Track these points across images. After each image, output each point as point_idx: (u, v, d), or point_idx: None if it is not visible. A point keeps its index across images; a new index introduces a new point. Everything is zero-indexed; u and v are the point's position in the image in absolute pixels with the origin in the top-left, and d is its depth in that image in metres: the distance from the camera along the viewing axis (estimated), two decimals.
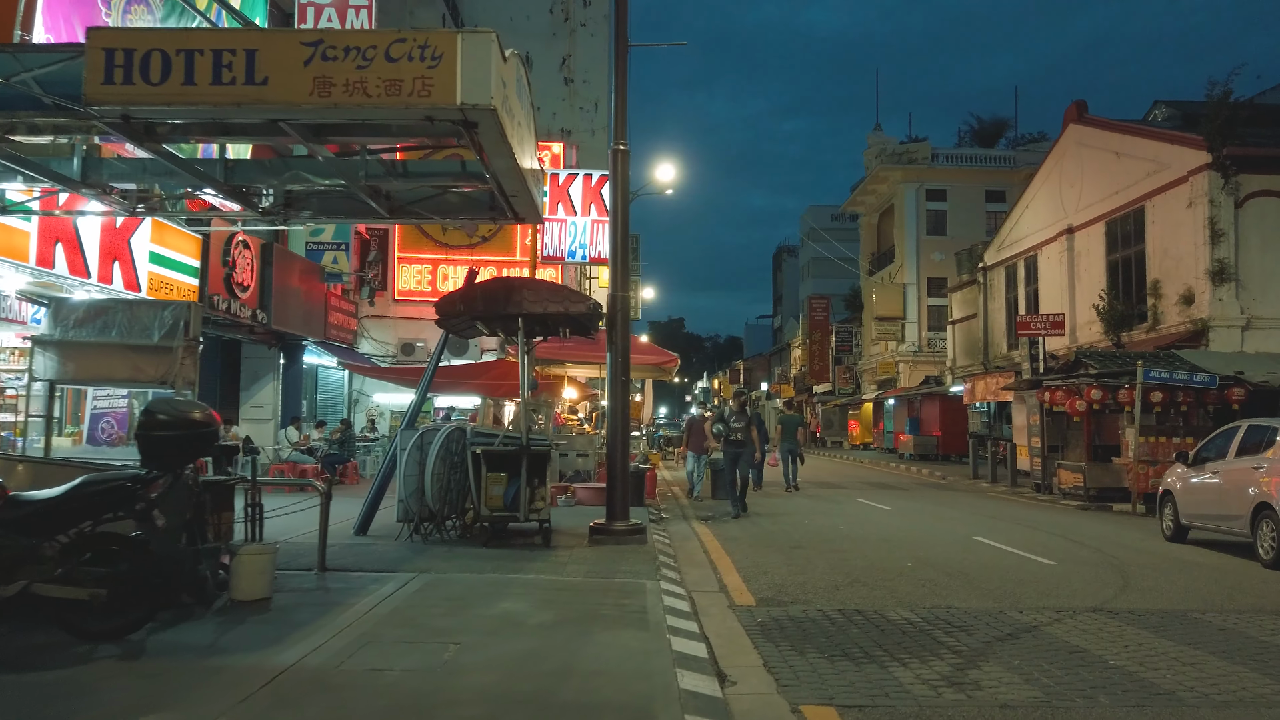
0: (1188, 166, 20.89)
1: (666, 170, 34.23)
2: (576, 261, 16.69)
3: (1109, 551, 10.52)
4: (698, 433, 17.72)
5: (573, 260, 16.65)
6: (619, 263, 9.98)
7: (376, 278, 22.81)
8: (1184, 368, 17.11)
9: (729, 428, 14.06)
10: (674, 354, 16.31)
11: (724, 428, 14.18)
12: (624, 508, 9.89)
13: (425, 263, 26.66)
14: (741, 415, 14.23)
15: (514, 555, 8.75)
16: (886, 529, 12.34)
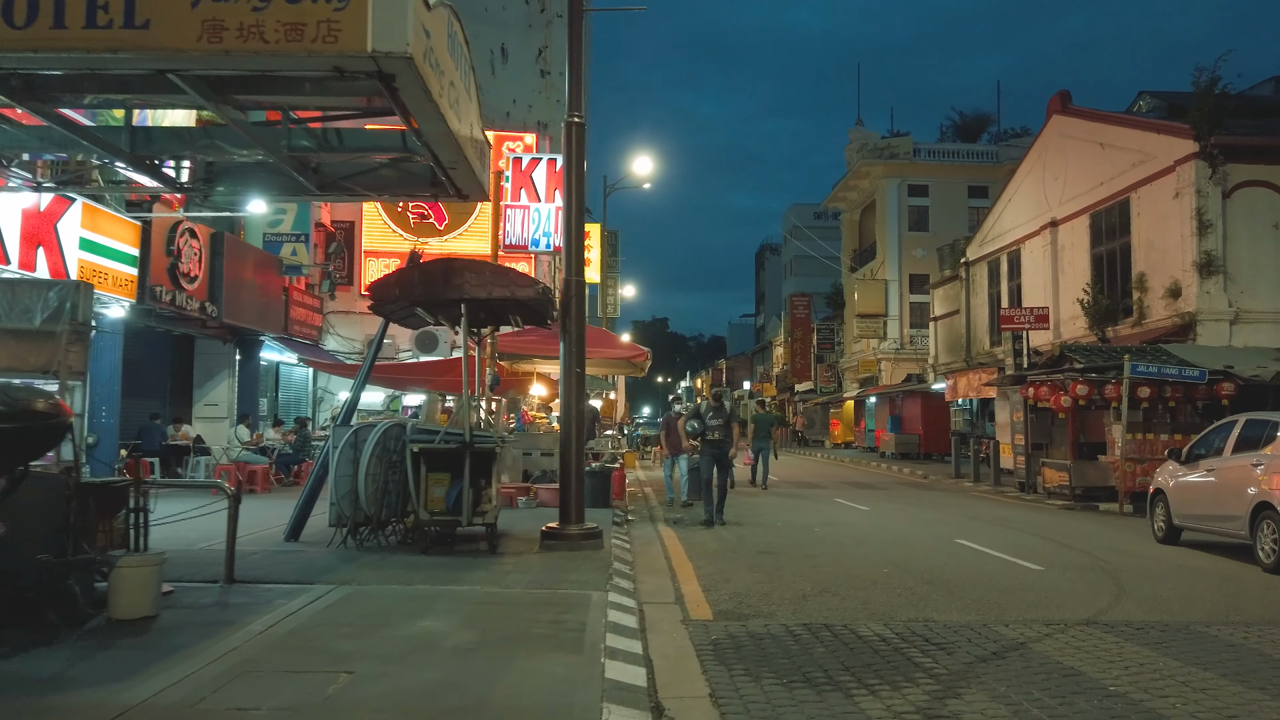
0: (1174, 156, 20.33)
1: (644, 163, 33.63)
2: (540, 251, 15.90)
3: (1099, 555, 9.85)
4: (675, 432, 16.96)
5: (536, 250, 15.86)
6: (573, 245, 9.23)
7: (339, 270, 21.90)
8: (1172, 362, 16.52)
9: (705, 425, 12.62)
10: (644, 348, 15.54)
11: (699, 425, 12.72)
12: (579, 510, 9.13)
13: (394, 256, 25.75)
14: (720, 412, 12.85)
15: (453, 563, 7.97)
16: (863, 532, 11.64)
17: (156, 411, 17.84)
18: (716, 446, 12.57)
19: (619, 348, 15.27)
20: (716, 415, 12.74)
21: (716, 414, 12.76)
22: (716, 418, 12.70)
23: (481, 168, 8.36)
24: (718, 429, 12.62)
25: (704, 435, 12.62)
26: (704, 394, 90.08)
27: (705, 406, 13.10)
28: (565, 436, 9.23)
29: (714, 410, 12.85)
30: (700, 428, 12.70)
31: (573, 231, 9.21)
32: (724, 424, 12.71)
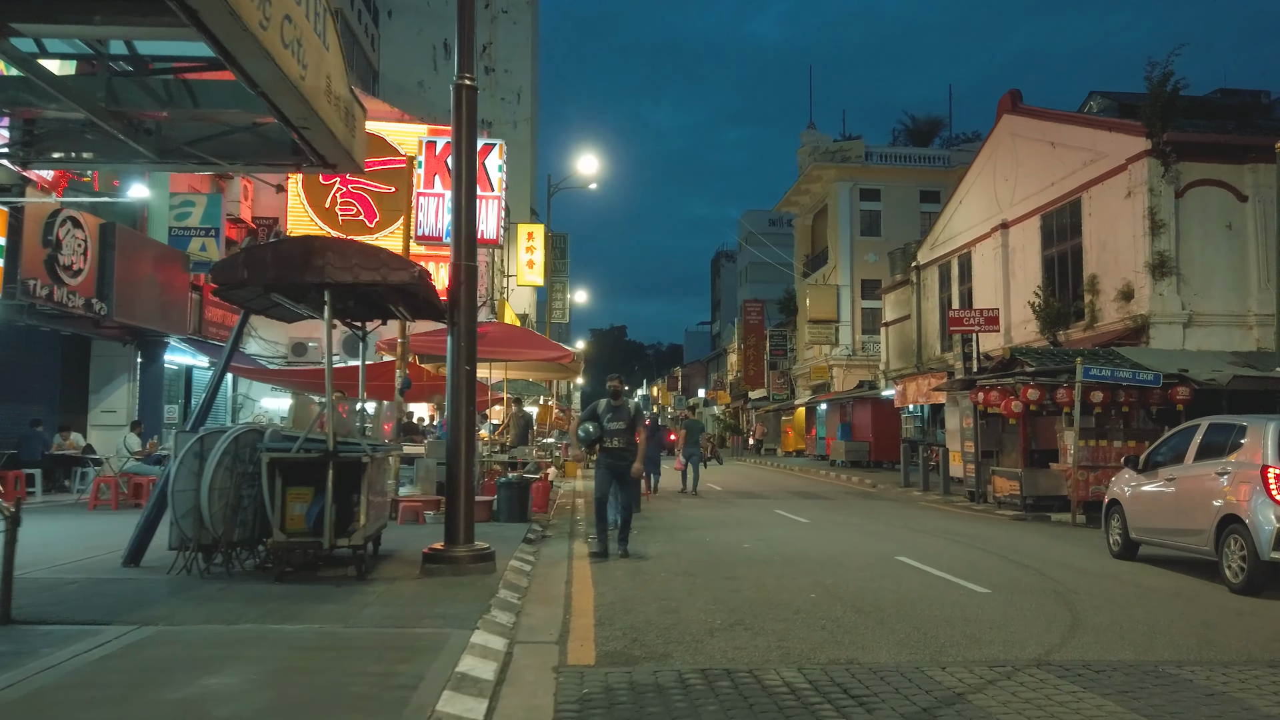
0: (1126, 154, 19.74)
1: (589, 162, 32.56)
2: None
3: (1051, 574, 8.91)
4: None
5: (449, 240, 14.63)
6: (462, 225, 8.08)
7: None
8: (1125, 365, 15.80)
9: (603, 429, 9.74)
10: (569, 349, 14.40)
11: (595, 429, 9.78)
12: (467, 529, 7.96)
13: None
14: (621, 413, 9.83)
15: (307, 594, 6.76)
16: (798, 547, 10.60)
17: (39, 418, 16.29)
18: (616, 457, 9.73)
19: (544, 348, 14.15)
20: (617, 417, 9.79)
21: (617, 415, 9.80)
22: (617, 419, 9.77)
23: (348, 132, 7.18)
24: (618, 435, 9.74)
25: (600, 442, 9.79)
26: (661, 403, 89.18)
27: (604, 405, 9.93)
28: (453, 445, 8.06)
29: (614, 410, 9.85)
30: (596, 433, 9.79)
31: (462, 209, 8.07)
32: (626, 428, 9.77)
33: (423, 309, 8.51)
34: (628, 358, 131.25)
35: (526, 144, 39.83)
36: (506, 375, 18.18)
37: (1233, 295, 19.06)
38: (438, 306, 8.10)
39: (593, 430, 9.84)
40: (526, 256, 33.88)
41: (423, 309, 8.51)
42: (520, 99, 40.16)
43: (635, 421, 10.02)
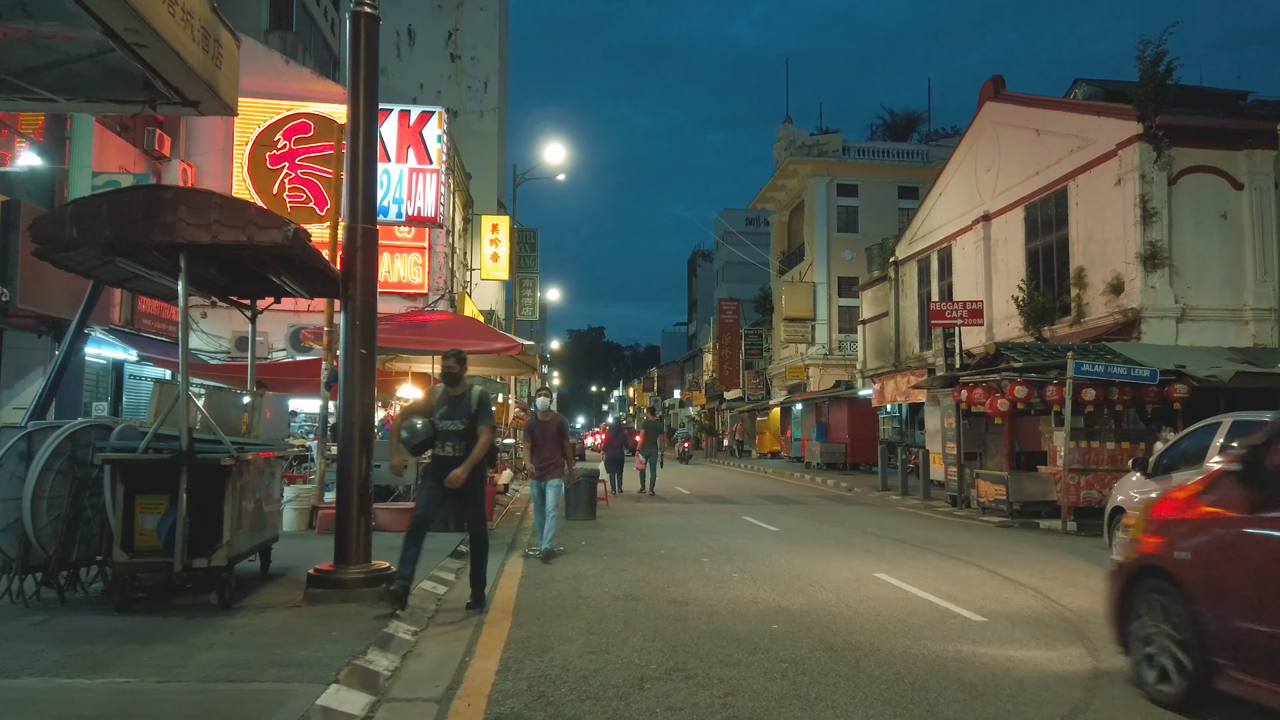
0: (1115, 139, 18.68)
1: (557, 150, 31.27)
2: (389, 221, 13.31)
3: (1052, 595, 7.70)
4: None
5: (385, 218, 13.28)
6: (359, 181, 6.74)
7: None
8: (1119, 361, 14.71)
9: (436, 430, 6.69)
10: (518, 340, 13.08)
11: (424, 428, 6.66)
12: (362, 546, 6.63)
13: None
14: (457, 407, 6.76)
15: (145, 629, 5.42)
16: (763, 561, 9.33)
17: None
18: (444, 467, 6.60)
19: (489, 339, 12.83)
20: (453, 412, 6.70)
21: (453, 410, 6.72)
22: (453, 416, 6.69)
23: (208, 60, 5.84)
24: (453, 438, 6.67)
25: (429, 443, 6.70)
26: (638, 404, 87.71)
27: (440, 395, 6.89)
28: (345, 445, 6.72)
29: (449, 403, 6.75)
30: (426, 432, 6.64)
31: (359, 162, 6.73)
32: (465, 429, 6.70)
33: (316, 282, 7.15)
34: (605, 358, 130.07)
35: (494, 134, 38.40)
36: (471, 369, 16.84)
37: (1227, 289, 18.03)
38: (329, 276, 6.75)
39: (421, 429, 6.63)
40: (491, 250, 32.53)
41: (316, 282, 7.15)
42: (487, 88, 38.71)
43: (479, 418, 6.74)
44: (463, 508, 7.02)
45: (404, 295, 22.84)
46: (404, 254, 25.42)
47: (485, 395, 6.96)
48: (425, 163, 13.05)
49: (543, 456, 9.88)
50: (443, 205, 13.42)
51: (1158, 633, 4.60)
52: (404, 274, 24.60)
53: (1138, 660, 4.77)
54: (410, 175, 13.13)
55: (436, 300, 23.69)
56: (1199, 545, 4.45)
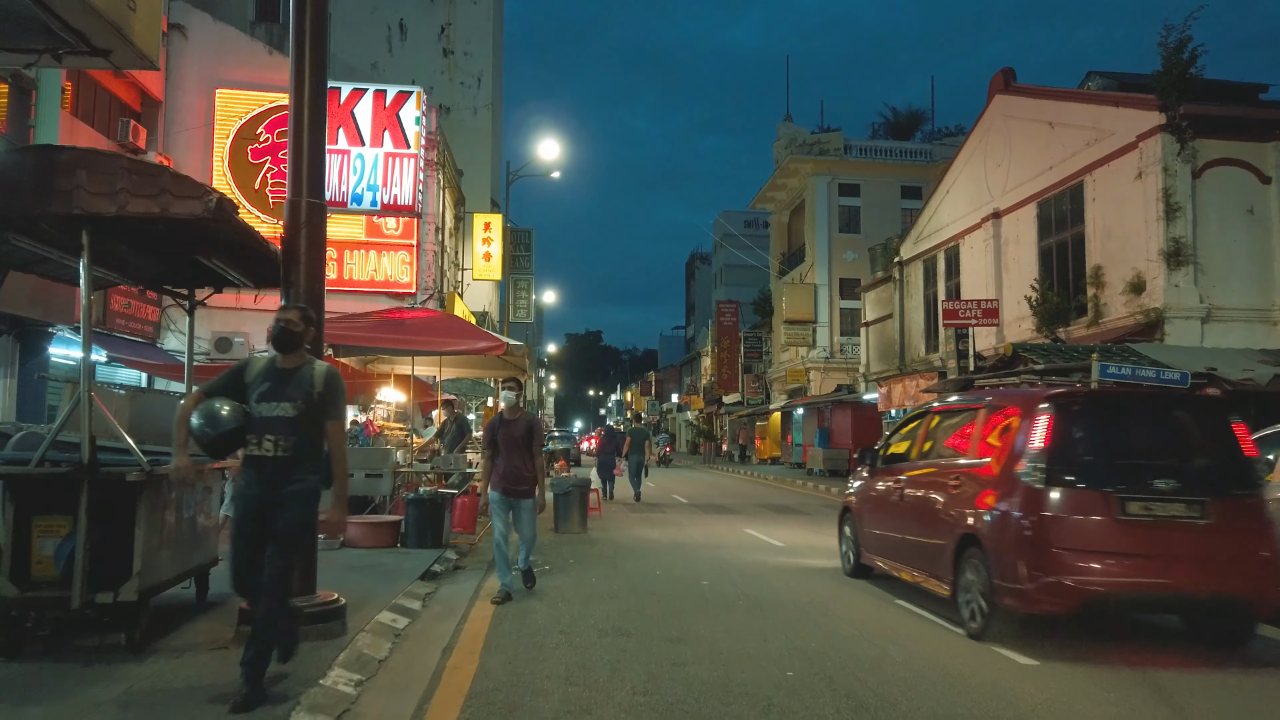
0: (1136, 131, 17.76)
1: (551, 147, 30.39)
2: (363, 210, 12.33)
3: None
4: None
5: (358, 207, 12.30)
6: (304, 148, 5.79)
7: None
8: (1145, 363, 13.75)
9: (251, 419, 4.64)
10: (503, 340, 12.12)
11: (230, 414, 4.66)
12: (304, 574, 5.66)
13: None
14: (294, 385, 4.67)
15: (25, 680, 4.47)
16: (769, 586, 8.37)
17: None
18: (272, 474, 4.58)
19: (472, 338, 11.87)
20: (279, 392, 4.63)
21: (281, 386, 4.65)
22: (280, 396, 4.62)
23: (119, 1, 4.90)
24: (276, 428, 4.59)
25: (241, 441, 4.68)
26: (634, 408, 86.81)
27: (259, 369, 4.74)
28: None
29: (275, 379, 4.68)
30: (232, 420, 4.67)
31: (304, 124, 5.77)
32: (301, 417, 4.62)
33: (259, 267, 6.19)
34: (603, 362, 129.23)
35: (487, 132, 37.42)
36: (440, 372, 15.88)
37: (1254, 287, 17.10)
38: (268, 257, 5.79)
39: (228, 416, 4.60)
40: (483, 249, 31.62)
41: (259, 267, 6.19)
42: (481, 84, 37.75)
43: (326, 408, 4.66)
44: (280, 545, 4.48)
45: (391, 295, 21.87)
46: (391, 252, 24.47)
47: (336, 376, 4.70)
48: (402, 147, 12.09)
49: (510, 465, 7.55)
50: (421, 192, 12.46)
51: (846, 537, 9.32)
52: (391, 272, 23.65)
53: (842, 555, 9.45)
54: (386, 160, 12.15)
55: (425, 300, 22.73)
56: (856, 494, 9.28)
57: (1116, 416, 6.87)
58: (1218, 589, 5.97)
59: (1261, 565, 6.01)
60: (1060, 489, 6.11)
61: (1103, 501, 6.05)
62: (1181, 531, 6.04)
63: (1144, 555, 5.96)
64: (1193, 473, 6.31)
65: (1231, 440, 6.49)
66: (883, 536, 8.27)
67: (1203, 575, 5.97)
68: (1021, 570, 5.96)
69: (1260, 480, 6.50)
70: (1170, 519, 6.06)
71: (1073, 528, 6.01)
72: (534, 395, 69.32)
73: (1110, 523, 6.00)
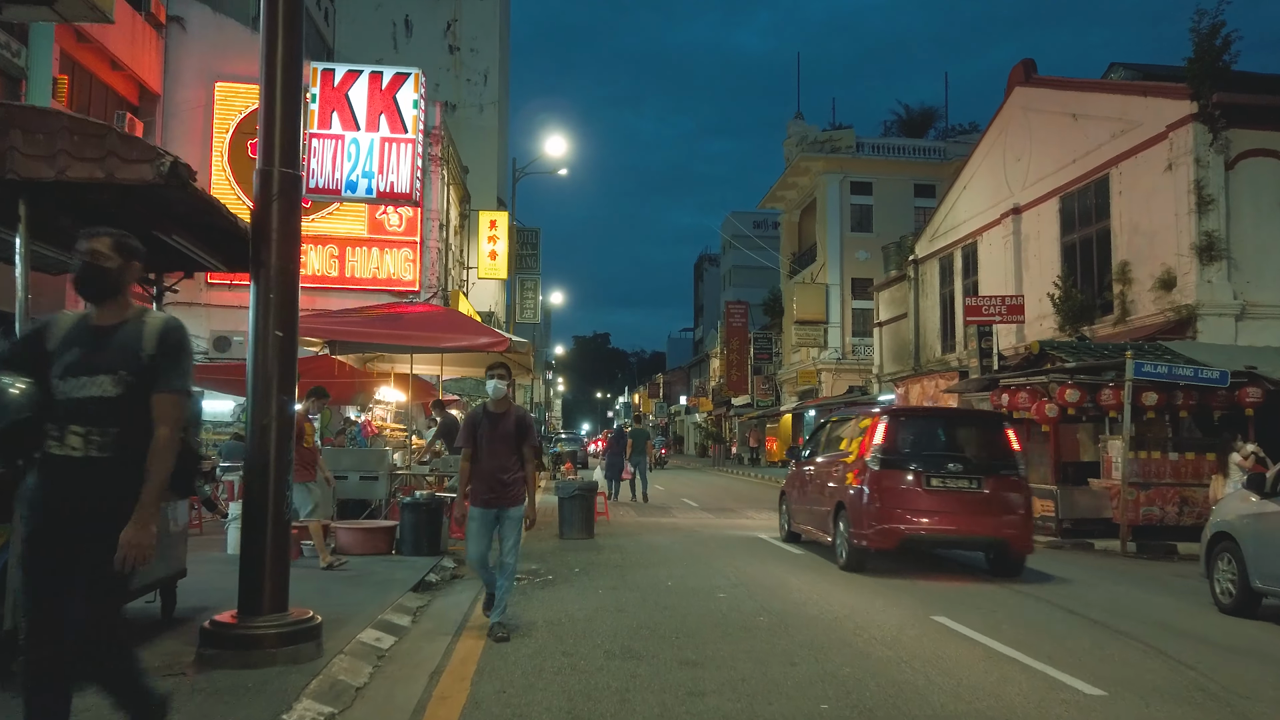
0: (1166, 121, 17.06)
1: (558, 143, 29.77)
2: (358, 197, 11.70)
3: (1167, 648, 6.08)
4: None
5: (353, 194, 11.68)
6: (278, 110, 5.17)
7: None
8: (1180, 361, 13.07)
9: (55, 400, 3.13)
10: (505, 335, 11.48)
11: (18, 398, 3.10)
12: (275, 590, 5.03)
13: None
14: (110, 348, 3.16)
15: None
16: (791, 597, 7.72)
17: None
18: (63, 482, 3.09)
19: (473, 333, 11.25)
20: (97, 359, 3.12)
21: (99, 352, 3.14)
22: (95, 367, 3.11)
23: None
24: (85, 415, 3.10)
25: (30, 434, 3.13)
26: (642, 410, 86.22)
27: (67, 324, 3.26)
28: (254, 458, 5.12)
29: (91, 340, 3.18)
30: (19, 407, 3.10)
31: (277, 84, 5.15)
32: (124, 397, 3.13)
33: (229, 245, 5.58)
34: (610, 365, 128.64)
35: (494, 129, 36.91)
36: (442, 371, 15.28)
37: None
38: (234, 232, 5.17)
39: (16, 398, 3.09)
40: (489, 247, 30.99)
41: (229, 245, 5.58)
42: (488, 81, 37.24)
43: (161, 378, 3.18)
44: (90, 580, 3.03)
45: (394, 293, 21.32)
46: (394, 249, 23.91)
47: (176, 330, 3.28)
48: (399, 131, 11.46)
49: (493, 468, 6.12)
50: (420, 179, 11.85)
51: (782, 512, 12.23)
52: (394, 270, 23.08)
53: (780, 526, 12.23)
54: (382, 146, 11.52)
55: (429, 299, 22.15)
56: (787, 481, 12.22)
57: (928, 424, 10.44)
58: (989, 534, 9.23)
59: (1017, 519, 9.32)
60: (890, 470, 9.34)
61: (915, 478, 9.31)
62: (965, 497, 9.27)
63: (941, 512, 9.21)
64: (974, 460, 9.53)
65: (1005, 440, 9.82)
66: (800, 509, 11.70)
67: (979, 525, 9.20)
68: (866, 522, 9.20)
69: (1018, 465, 9.75)
70: (958, 489, 9.31)
71: (896, 494, 9.23)
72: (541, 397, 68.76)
73: (920, 491, 9.26)
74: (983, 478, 9.31)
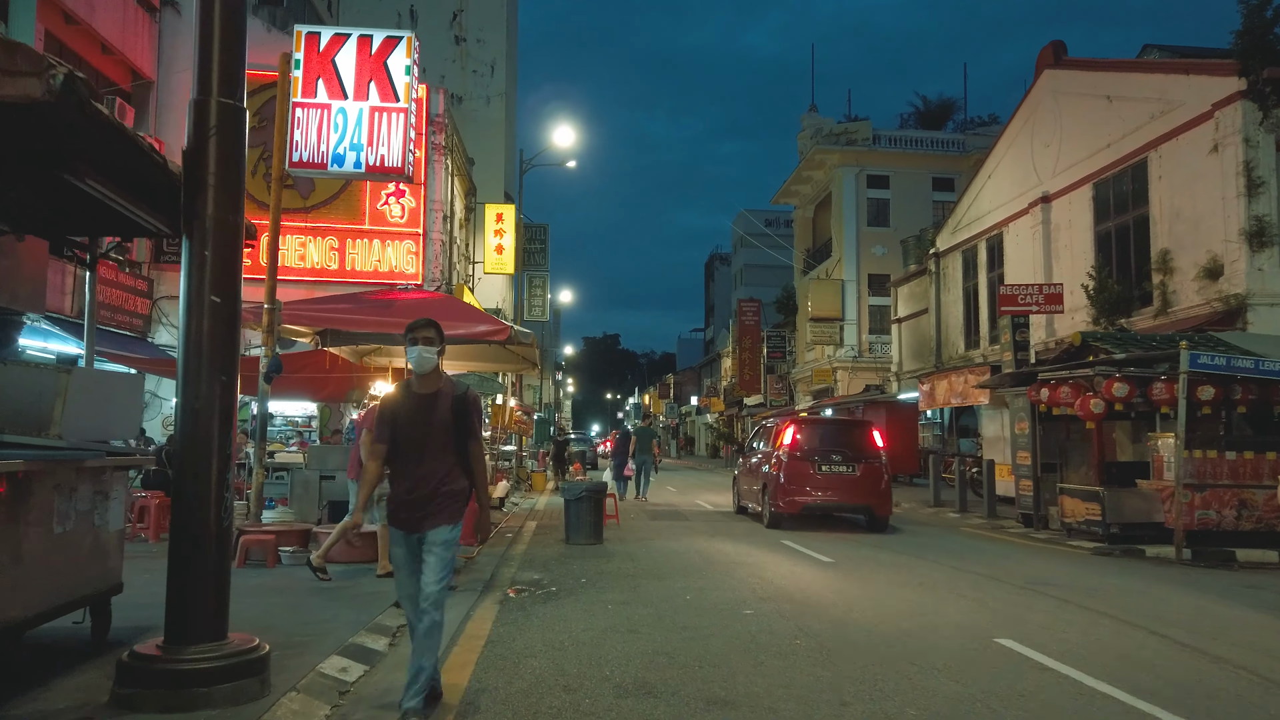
0: (1211, 99, 16.02)
1: (565, 133, 28.89)
2: (345, 172, 10.80)
3: (1259, 668, 5.10)
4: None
5: (340, 169, 10.77)
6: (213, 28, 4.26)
7: None
8: (1236, 352, 12.05)
9: None
10: (505, 323, 10.55)
11: None
12: (212, 611, 4.11)
13: None
14: None
15: None
16: (829, 615, 6.76)
17: None
18: None
19: (470, 321, 10.33)
20: None
21: None
22: None
23: None
24: None
25: None
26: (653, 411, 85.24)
27: None
28: (186, 453, 4.21)
29: None
30: None
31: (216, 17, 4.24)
32: None
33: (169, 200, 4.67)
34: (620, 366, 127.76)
35: (500, 122, 36.05)
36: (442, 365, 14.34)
37: None
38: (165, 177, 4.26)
39: None
40: (495, 241, 30.10)
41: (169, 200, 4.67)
42: (494, 72, 36.40)
43: None
44: None
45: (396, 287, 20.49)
46: (396, 241, 23.07)
47: None
48: (391, 100, 10.53)
49: (419, 474, 4.30)
50: (412, 153, 10.94)
51: (733, 493, 17.37)
52: (396, 263, 22.25)
53: (733, 503, 17.19)
54: (372, 115, 10.59)
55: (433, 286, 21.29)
56: (737, 469, 17.53)
57: (821, 428, 14.96)
58: (861, 502, 13.57)
59: (880, 492, 13.48)
60: (795, 459, 13.58)
61: (811, 465, 13.53)
62: (844, 478, 13.56)
63: (828, 488, 13.50)
64: (850, 453, 13.74)
65: (872, 439, 14.14)
66: (744, 489, 16.18)
67: (854, 496, 13.57)
68: (779, 495, 13.53)
69: (881, 456, 13.90)
70: (839, 473, 13.56)
71: (798, 476, 13.50)
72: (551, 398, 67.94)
73: (815, 474, 13.51)
74: (856, 464, 13.67)
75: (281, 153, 9.67)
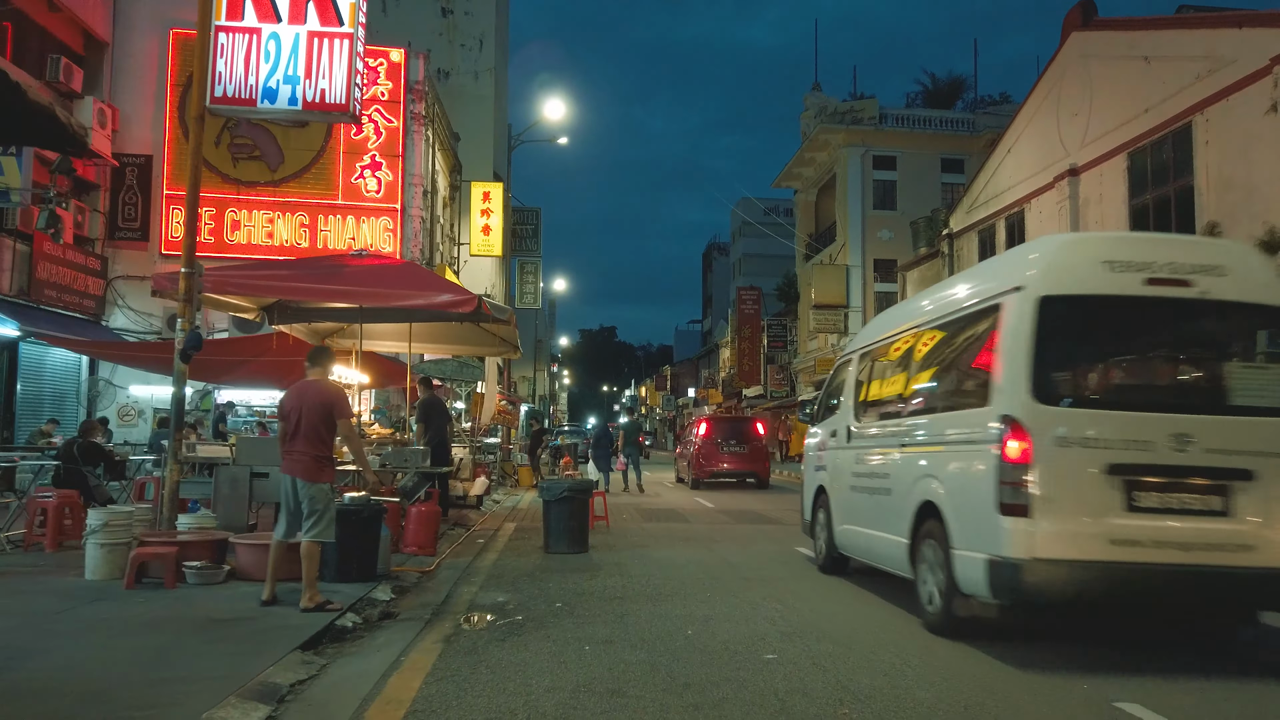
0: (1269, 54, 14.36)
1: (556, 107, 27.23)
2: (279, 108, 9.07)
3: None
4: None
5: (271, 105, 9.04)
6: None
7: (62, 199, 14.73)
8: None
9: None
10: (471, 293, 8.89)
11: None
12: None
13: (207, 204, 18.82)
14: None
15: None
16: (877, 662, 5.16)
17: None
18: None
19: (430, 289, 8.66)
20: None
21: None
22: None
23: None
24: None
25: None
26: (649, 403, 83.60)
27: None
28: None
29: None
30: None
31: None
32: None
33: None
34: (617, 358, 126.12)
35: (489, 98, 34.31)
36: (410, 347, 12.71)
37: None
38: None
39: None
40: (482, 221, 28.49)
41: None
42: (483, 46, 34.67)
43: None
44: None
45: None
46: (372, 217, 21.46)
47: None
48: (333, 24, 8.81)
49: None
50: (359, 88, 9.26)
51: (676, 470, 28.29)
52: (371, 240, 20.65)
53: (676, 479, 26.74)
54: (310, 41, 8.82)
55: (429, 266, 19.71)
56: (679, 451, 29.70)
57: (723, 422, 25.40)
58: (748, 469, 23.07)
59: (762, 463, 23.54)
60: (705, 443, 23.00)
61: (715, 447, 22.94)
62: (737, 454, 23.03)
63: (726, 462, 22.91)
64: (741, 438, 23.39)
65: (755, 429, 24.37)
66: (680, 466, 26.24)
67: (744, 466, 23.02)
68: (694, 469, 22.95)
69: (762, 439, 24.46)
70: (734, 451, 23.04)
71: (708, 454, 22.79)
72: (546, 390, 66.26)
73: (719, 453, 22.90)
74: (745, 446, 22.74)
75: (202, 87, 8.01)
